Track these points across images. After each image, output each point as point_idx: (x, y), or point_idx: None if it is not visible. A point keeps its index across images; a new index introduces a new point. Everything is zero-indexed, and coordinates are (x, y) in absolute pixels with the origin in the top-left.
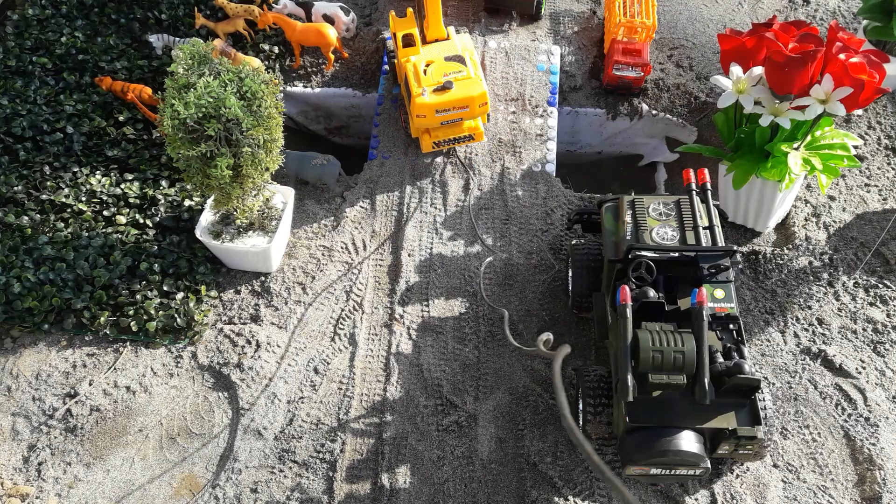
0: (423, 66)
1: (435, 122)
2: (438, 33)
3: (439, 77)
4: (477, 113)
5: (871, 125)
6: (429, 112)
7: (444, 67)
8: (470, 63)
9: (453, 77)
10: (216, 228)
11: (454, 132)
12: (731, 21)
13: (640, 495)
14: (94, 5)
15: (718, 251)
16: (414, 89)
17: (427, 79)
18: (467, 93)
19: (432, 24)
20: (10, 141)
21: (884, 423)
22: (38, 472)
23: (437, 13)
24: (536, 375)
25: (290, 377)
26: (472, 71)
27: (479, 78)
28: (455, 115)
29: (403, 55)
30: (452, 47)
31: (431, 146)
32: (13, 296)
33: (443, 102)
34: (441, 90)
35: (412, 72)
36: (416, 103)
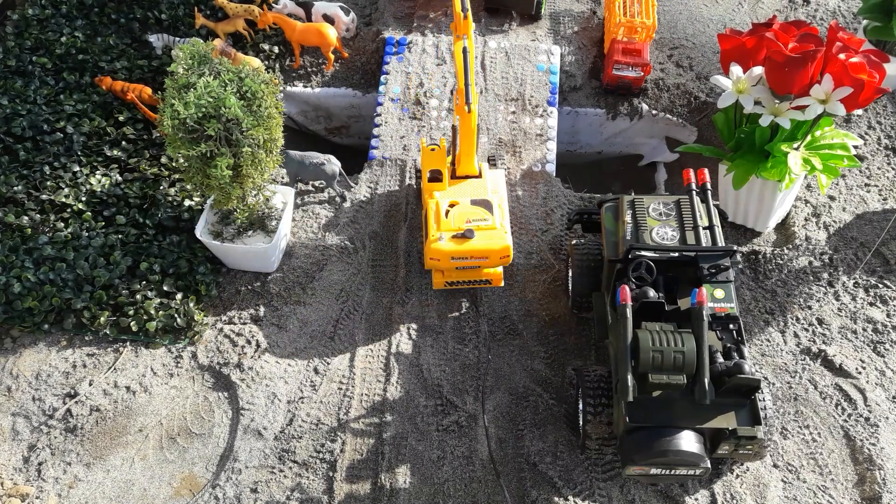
0: (445, 207)
1: (449, 267)
2: (469, 170)
3: (461, 223)
4: (497, 264)
5: (871, 125)
6: (443, 258)
7: (467, 213)
8: (497, 210)
9: (476, 225)
10: (216, 228)
11: (469, 276)
12: (731, 21)
13: (640, 495)
14: (94, 5)
15: (718, 251)
16: (431, 231)
17: (447, 222)
18: (489, 245)
19: (464, 160)
20: (10, 141)
21: (884, 423)
22: (38, 472)
23: (471, 150)
24: (536, 376)
25: (290, 377)
26: (497, 220)
27: (505, 229)
28: (473, 263)
29: (428, 189)
30: (481, 188)
31: (443, 285)
32: (13, 296)
33: (460, 251)
34: (461, 238)
35: (433, 211)
36: (430, 247)
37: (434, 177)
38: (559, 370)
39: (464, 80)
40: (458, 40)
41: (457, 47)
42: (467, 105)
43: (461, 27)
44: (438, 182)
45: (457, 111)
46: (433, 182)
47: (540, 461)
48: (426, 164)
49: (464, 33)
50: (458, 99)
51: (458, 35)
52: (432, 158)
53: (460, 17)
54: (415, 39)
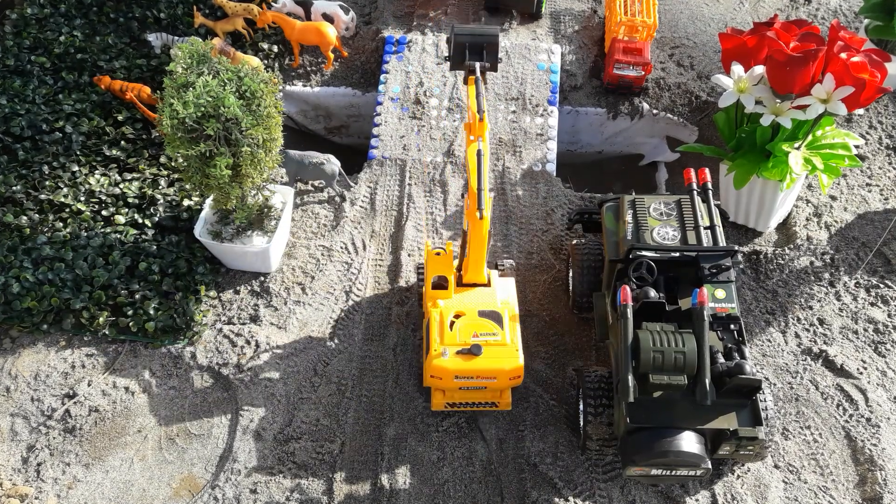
0: (451, 317)
1: (452, 386)
2: (478, 278)
3: (467, 337)
4: (506, 386)
5: (873, 124)
6: (446, 376)
7: (475, 325)
8: (508, 323)
9: (484, 340)
10: (215, 228)
11: (474, 397)
12: (732, 20)
13: (640, 496)
14: (93, 4)
15: (719, 251)
16: (434, 345)
17: (452, 335)
18: (498, 364)
19: (472, 268)
20: (9, 140)
21: (885, 424)
22: (37, 472)
23: (480, 257)
24: (537, 376)
25: (290, 377)
26: (508, 335)
27: (516, 346)
28: (478, 383)
29: (431, 297)
30: (490, 298)
31: (443, 406)
32: (12, 296)
33: (465, 369)
34: (466, 354)
35: (437, 322)
36: (432, 364)
37: (438, 284)
38: (560, 371)
39: (477, 185)
40: (472, 142)
41: (470, 150)
42: (479, 211)
43: (476, 129)
44: (443, 290)
45: (467, 216)
46: (437, 289)
47: (540, 462)
48: (431, 269)
49: (479, 135)
50: (469, 203)
51: (472, 136)
52: (437, 264)
53: (476, 117)
54: (414, 38)
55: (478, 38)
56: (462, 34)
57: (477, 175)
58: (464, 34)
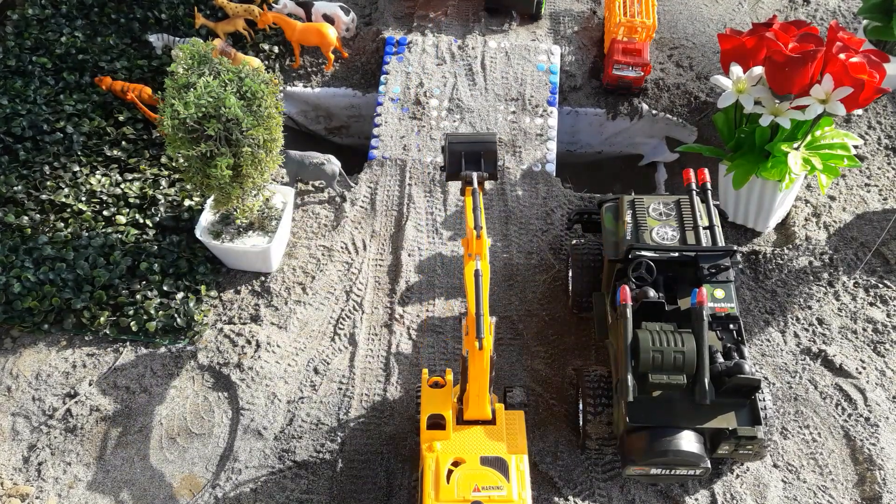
0: (448, 465)
1: None
2: (481, 413)
3: (467, 491)
4: None
5: (872, 125)
6: None
7: (476, 476)
8: (516, 474)
9: (488, 496)
10: (216, 228)
11: None
12: (731, 21)
13: (640, 495)
14: (94, 5)
15: (718, 251)
16: (428, 501)
17: (449, 490)
18: None
19: (473, 403)
20: (10, 141)
21: (884, 424)
22: (38, 472)
23: (483, 391)
24: (536, 376)
25: (290, 377)
26: (515, 489)
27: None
28: None
29: (426, 439)
30: (496, 441)
31: None
32: (13, 296)
33: None
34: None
35: (431, 471)
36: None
37: (435, 423)
38: (559, 370)
39: (475, 309)
40: (470, 260)
41: (468, 269)
42: (479, 340)
43: (473, 246)
44: (441, 430)
45: (466, 344)
46: (433, 429)
47: (540, 461)
48: (427, 405)
49: (477, 253)
50: (467, 329)
51: (469, 254)
52: (434, 399)
53: (473, 234)
54: (415, 39)
55: (474, 145)
56: (456, 143)
57: (475, 298)
58: (458, 143)
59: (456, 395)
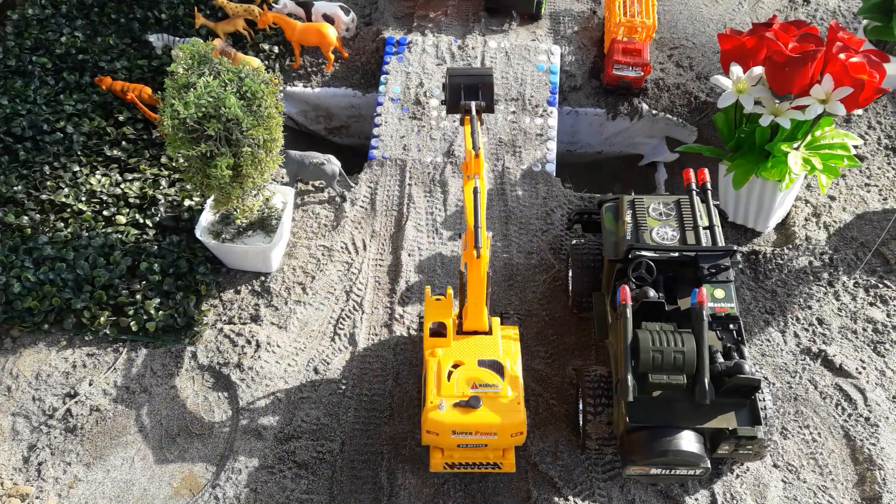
0: (448, 367)
1: (450, 444)
2: (478, 325)
3: (466, 388)
4: (508, 443)
5: (872, 125)
6: (443, 431)
7: (474, 376)
8: (509, 375)
9: (483, 392)
10: (216, 228)
11: (474, 457)
12: (731, 21)
13: (640, 495)
14: (94, 5)
15: (718, 251)
16: (430, 396)
17: (450, 386)
18: (498, 419)
19: (472, 313)
20: (10, 141)
21: (884, 423)
22: (38, 472)
23: (480, 301)
24: (536, 375)
25: (290, 377)
26: (509, 388)
27: (518, 399)
28: (478, 440)
29: (429, 346)
30: (492, 347)
31: (442, 467)
32: (13, 296)
33: (463, 424)
34: (464, 407)
35: (434, 372)
36: (427, 417)
37: (437, 331)
38: (559, 370)
39: (473, 223)
40: (469, 180)
41: (467, 188)
42: (476, 250)
43: (472, 166)
44: (442, 337)
45: (465, 256)
46: (436, 337)
47: (540, 461)
48: (429, 315)
49: (475, 173)
50: (466, 243)
51: (468, 175)
52: (436, 309)
53: (471, 154)
54: (415, 39)
55: (473, 78)
56: (456, 76)
57: (473, 213)
58: (458, 76)
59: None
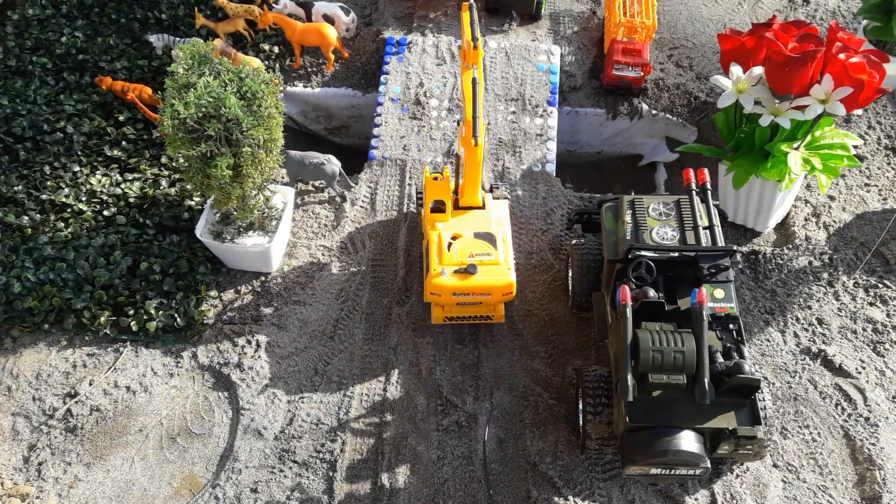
0: (448, 239)
1: (450, 303)
2: (473, 201)
3: (463, 258)
4: (499, 301)
5: (871, 125)
6: (445, 293)
7: (470, 247)
8: (501, 244)
9: (479, 260)
10: (216, 228)
11: (471, 311)
12: (730, 21)
13: (640, 495)
14: (95, 5)
15: (718, 251)
16: (433, 266)
17: (449, 256)
18: (491, 281)
19: (468, 192)
20: (10, 141)
21: (884, 423)
22: (38, 471)
23: (475, 182)
24: (536, 376)
25: (290, 377)
26: (501, 255)
27: (508, 265)
28: (475, 299)
29: (430, 221)
30: (485, 220)
31: (442, 320)
32: (13, 296)
33: (462, 287)
34: (463, 273)
35: (435, 244)
36: (431, 282)
37: (437, 207)
38: (559, 370)
39: (471, 113)
40: (467, 70)
41: (465, 77)
42: (474, 138)
43: (471, 56)
44: (441, 213)
45: (462, 143)
46: (436, 213)
47: (540, 461)
48: (429, 193)
49: (473, 63)
50: (464, 130)
51: (466, 64)
52: (435, 188)
53: (470, 45)
54: (415, 39)
55: None
56: None
57: (472, 103)
58: None
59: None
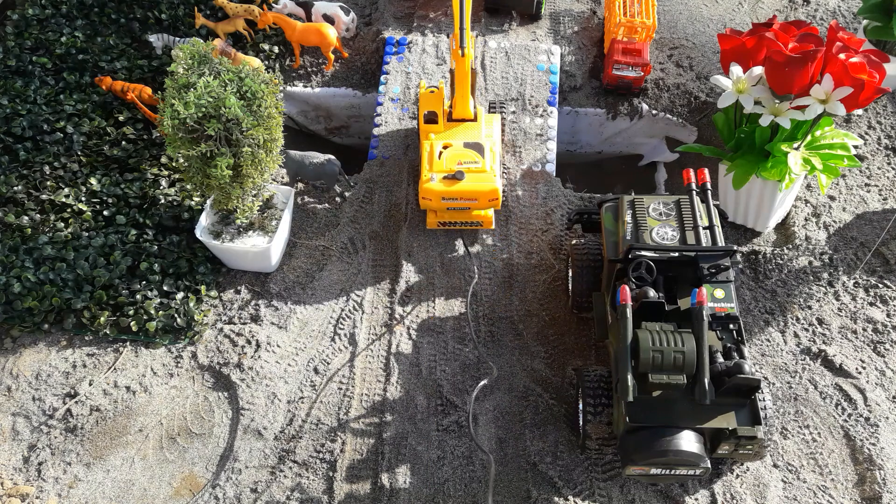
0: (439, 149)
1: (441, 207)
2: (465, 113)
3: (452, 165)
4: (486, 206)
5: (871, 125)
6: (434, 198)
7: (459, 155)
8: (489, 153)
9: (467, 167)
10: (216, 228)
11: (461, 217)
12: (731, 21)
13: (640, 495)
14: (94, 5)
15: (718, 251)
16: (424, 172)
17: (439, 164)
18: (477, 187)
19: (459, 104)
20: (10, 141)
21: (884, 423)
22: (38, 472)
23: (465, 93)
24: (536, 376)
25: (290, 377)
26: (487, 163)
27: (494, 172)
28: (462, 204)
29: (424, 131)
30: (475, 132)
31: (436, 224)
32: (13, 296)
33: (450, 192)
34: (451, 179)
35: (427, 152)
36: (422, 187)
37: (430, 118)
38: (559, 370)
39: (459, 24)
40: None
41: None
42: (461, 49)
43: None
44: (434, 124)
45: (452, 55)
46: (429, 124)
47: (540, 461)
48: (424, 105)
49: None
50: (453, 43)
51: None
52: (430, 100)
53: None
54: (415, 39)
55: None
56: None
57: (459, 15)
58: None
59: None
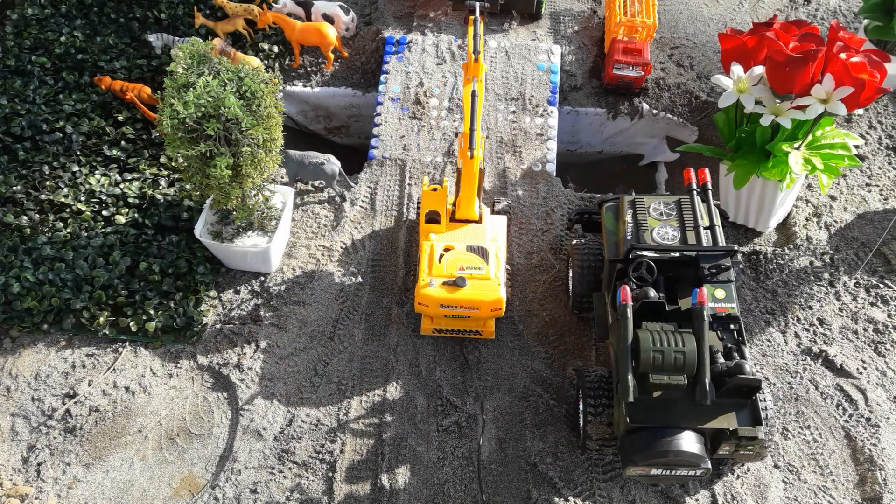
0: (439, 251)
1: (438, 314)
2: (469, 215)
3: (453, 270)
4: (488, 316)
5: (872, 125)
6: (432, 304)
7: (461, 259)
8: (493, 259)
9: (469, 273)
10: (216, 228)
11: (460, 325)
12: (731, 20)
13: (640, 496)
14: (94, 5)
15: (719, 251)
16: (422, 276)
17: (439, 268)
18: (480, 296)
19: (464, 204)
20: (10, 140)
21: (885, 424)
22: (37, 472)
23: (472, 195)
24: (536, 376)
25: (290, 377)
26: (492, 270)
27: (498, 280)
28: (463, 312)
29: (424, 231)
30: (480, 235)
31: (431, 331)
32: (12, 296)
33: (450, 299)
34: (451, 286)
35: (426, 254)
36: (419, 292)
37: (431, 218)
38: (559, 370)
39: (469, 125)
40: (468, 82)
41: (466, 90)
42: (470, 151)
43: (472, 69)
44: (436, 224)
45: (460, 155)
46: (430, 224)
47: (540, 461)
48: (426, 204)
49: (474, 75)
50: (461, 143)
51: (468, 77)
52: (432, 199)
53: (472, 58)
54: (415, 39)
55: None
56: None
57: (470, 115)
58: None
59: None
